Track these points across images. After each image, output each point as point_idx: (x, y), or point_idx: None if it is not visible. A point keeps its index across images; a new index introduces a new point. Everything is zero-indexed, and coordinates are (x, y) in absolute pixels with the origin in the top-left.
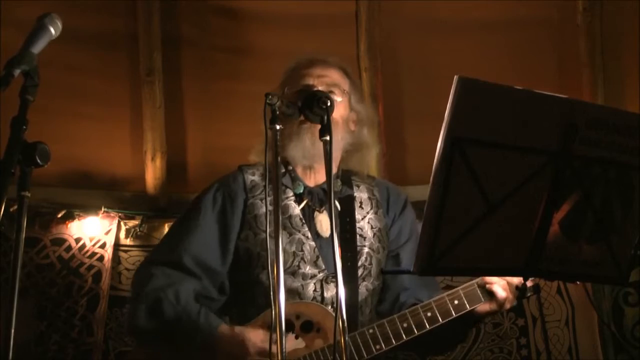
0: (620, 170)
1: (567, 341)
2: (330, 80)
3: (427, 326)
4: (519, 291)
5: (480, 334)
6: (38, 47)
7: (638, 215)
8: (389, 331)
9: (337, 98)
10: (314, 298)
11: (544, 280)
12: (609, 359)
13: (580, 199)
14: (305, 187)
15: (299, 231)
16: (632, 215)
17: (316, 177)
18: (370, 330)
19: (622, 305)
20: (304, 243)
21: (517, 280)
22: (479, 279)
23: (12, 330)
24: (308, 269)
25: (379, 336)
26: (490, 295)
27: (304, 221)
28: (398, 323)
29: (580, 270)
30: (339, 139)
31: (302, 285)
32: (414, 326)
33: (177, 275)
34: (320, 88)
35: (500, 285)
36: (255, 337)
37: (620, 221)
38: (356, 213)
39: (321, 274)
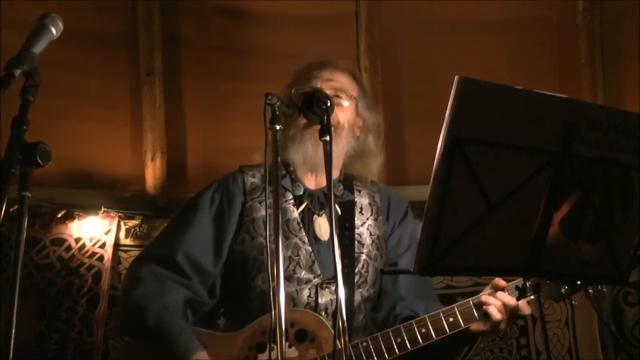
0: (621, 170)
1: (567, 341)
2: (338, 84)
3: (421, 342)
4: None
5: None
6: (39, 47)
7: (638, 215)
8: (382, 345)
9: (344, 102)
10: (308, 304)
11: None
12: (608, 359)
13: (580, 198)
14: (306, 189)
15: (296, 235)
16: (632, 215)
17: (317, 180)
18: (364, 344)
19: (622, 305)
20: (300, 248)
21: (513, 302)
22: (474, 298)
23: (13, 330)
24: (303, 274)
25: (372, 350)
26: (485, 315)
27: (301, 225)
28: (392, 337)
29: (580, 270)
30: (344, 143)
31: (296, 290)
32: (407, 342)
33: (167, 277)
34: (327, 91)
35: (495, 307)
36: None
37: (620, 221)
38: (356, 219)
39: (316, 279)
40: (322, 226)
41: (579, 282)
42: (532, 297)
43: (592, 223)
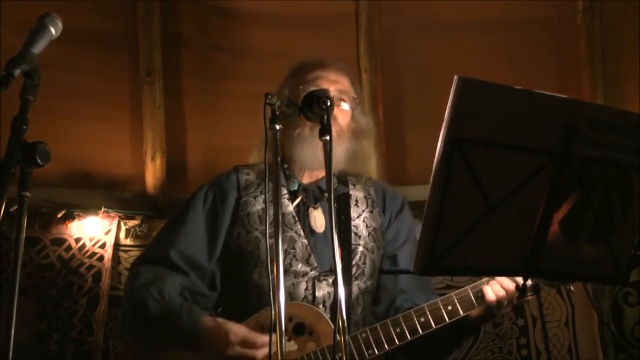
0: (621, 170)
1: (567, 341)
2: (343, 87)
3: (420, 331)
4: (519, 291)
5: (480, 333)
6: (38, 47)
7: (638, 215)
8: (382, 336)
9: (347, 105)
10: (305, 297)
11: (546, 288)
12: (609, 359)
13: (580, 198)
14: (300, 184)
15: (291, 229)
16: (632, 215)
17: (311, 175)
18: (363, 335)
19: (622, 305)
20: (295, 241)
21: (512, 285)
22: (472, 285)
23: (12, 330)
24: (300, 267)
25: (372, 341)
26: (482, 299)
27: (296, 219)
28: (391, 328)
29: (580, 270)
30: (347, 145)
31: (293, 283)
32: (406, 331)
33: (162, 271)
34: (333, 94)
35: (492, 289)
36: (238, 328)
37: (620, 221)
38: (351, 211)
39: (313, 272)
40: (317, 219)
41: None
42: (532, 295)
43: (592, 223)
